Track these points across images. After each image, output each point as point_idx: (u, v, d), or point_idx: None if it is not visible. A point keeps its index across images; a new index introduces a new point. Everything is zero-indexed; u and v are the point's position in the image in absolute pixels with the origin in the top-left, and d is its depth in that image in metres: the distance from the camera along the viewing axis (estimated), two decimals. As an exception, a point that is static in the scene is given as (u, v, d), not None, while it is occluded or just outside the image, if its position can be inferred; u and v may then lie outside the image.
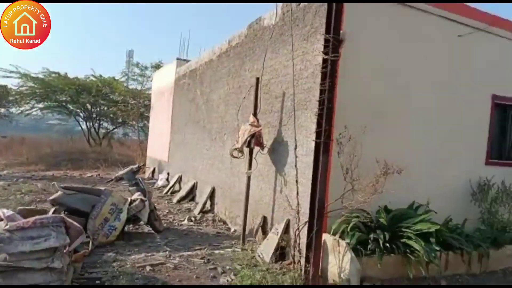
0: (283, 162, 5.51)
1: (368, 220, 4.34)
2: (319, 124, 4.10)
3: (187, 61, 12.33)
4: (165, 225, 6.83)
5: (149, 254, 5.16)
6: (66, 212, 5.43)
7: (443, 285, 4.59)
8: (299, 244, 4.41)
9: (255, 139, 5.61)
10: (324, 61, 4.11)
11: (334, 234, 4.48)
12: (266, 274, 4.21)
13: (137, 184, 6.53)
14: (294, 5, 5.62)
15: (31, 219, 3.52)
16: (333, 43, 4.02)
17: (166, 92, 13.30)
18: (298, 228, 4.47)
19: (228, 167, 7.47)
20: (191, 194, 9.21)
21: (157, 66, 17.33)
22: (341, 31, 4.05)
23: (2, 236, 3.36)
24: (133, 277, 4.24)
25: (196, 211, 7.99)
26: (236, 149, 5.78)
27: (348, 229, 4.37)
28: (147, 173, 13.95)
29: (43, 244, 3.46)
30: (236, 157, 5.88)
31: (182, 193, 9.27)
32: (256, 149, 5.86)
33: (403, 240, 4.42)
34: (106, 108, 20.97)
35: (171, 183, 10.56)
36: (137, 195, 6.16)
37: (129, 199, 6.00)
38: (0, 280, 3.30)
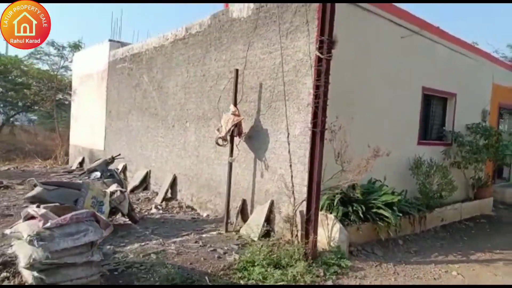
0: (263, 148, 6.04)
1: (350, 195, 5.17)
2: (315, 115, 4.73)
3: (123, 43, 11.80)
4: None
5: (143, 244, 5.28)
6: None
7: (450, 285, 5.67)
8: (295, 220, 5.03)
9: (237, 128, 6.00)
10: (319, 59, 4.72)
11: (320, 209, 5.21)
12: (272, 247, 4.76)
13: (113, 176, 6.43)
14: (268, 2, 6.07)
15: (68, 215, 3.51)
16: (328, 44, 4.63)
17: (95, 76, 12.52)
18: (294, 207, 5.08)
19: (193, 154, 7.70)
20: (144, 183, 9.16)
21: (76, 46, 15.94)
22: (334, 34, 4.67)
23: (44, 234, 3.31)
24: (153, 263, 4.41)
25: (158, 200, 8.07)
26: (220, 137, 6.09)
27: (334, 204, 5.15)
28: (74, 164, 13.13)
29: (83, 239, 3.49)
30: (220, 145, 6.20)
31: (135, 182, 9.15)
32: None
33: (374, 210, 5.37)
34: (5, 91, 18.56)
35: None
36: (115, 187, 6.10)
37: (108, 191, 5.93)
38: (43, 277, 3.28)
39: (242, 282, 4.17)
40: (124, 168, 10.24)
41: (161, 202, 7.95)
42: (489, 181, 8.81)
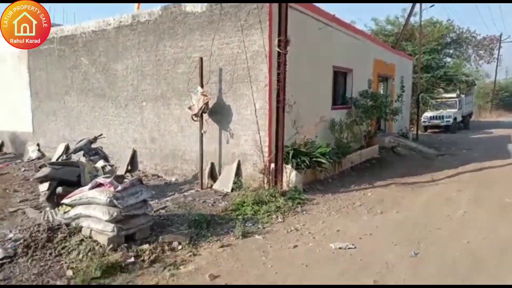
0: (228, 121, 7.63)
1: (299, 150, 7.20)
2: (278, 93, 6.52)
3: (41, 23, 11.52)
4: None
5: (144, 204, 6.52)
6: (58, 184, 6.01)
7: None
8: (268, 170, 6.87)
9: (205, 106, 7.42)
10: (279, 54, 6.46)
11: (279, 162, 7.13)
12: (252, 192, 6.53)
13: (98, 153, 7.25)
14: (223, 1, 7.45)
15: (128, 181, 4.72)
16: (285, 43, 6.38)
17: (9, 58, 11.96)
18: (265, 162, 6.90)
19: (153, 129, 8.81)
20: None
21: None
22: (288, 35, 6.43)
23: (117, 195, 4.50)
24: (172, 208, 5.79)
25: (122, 172, 8.99)
26: (194, 114, 7.43)
27: (289, 157, 7.13)
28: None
29: (140, 197, 4.78)
30: (196, 121, 7.53)
31: (89, 159, 9.74)
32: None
33: (314, 159, 7.53)
34: None
35: (58, 153, 10.51)
36: (102, 162, 7.01)
37: (98, 166, 6.84)
38: (121, 226, 4.49)
39: (240, 217, 5.79)
40: (67, 149, 10.57)
41: (125, 173, 8.92)
42: (375, 133, 11.89)
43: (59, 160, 8.80)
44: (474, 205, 6.43)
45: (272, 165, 6.91)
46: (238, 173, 7.51)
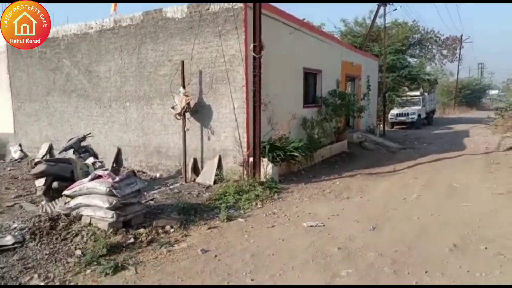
0: (208, 119, 8.29)
1: (274, 144, 7.95)
2: (255, 93, 7.24)
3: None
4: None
5: (134, 197, 7.09)
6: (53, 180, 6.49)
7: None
8: (247, 163, 7.58)
9: (188, 105, 8.04)
10: (254, 58, 7.18)
11: (256, 156, 7.86)
12: (234, 183, 7.22)
13: (87, 151, 7.73)
14: (202, 8, 8.09)
15: (124, 173, 5.32)
16: (259, 48, 7.10)
17: (-13, 59, 12.11)
18: (244, 155, 7.61)
19: (137, 128, 9.34)
20: (82, 158, 10.23)
21: None
22: (262, 40, 7.15)
23: (116, 185, 5.09)
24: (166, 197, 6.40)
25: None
26: (177, 113, 8.03)
27: (266, 152, 7.87)
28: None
29: (135, 187, 5.38)
30: (179, 119, 8.12)
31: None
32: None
33: (288, 153, 8.30)
34: None
35: (42, 152, 10.82)
36: (92, 159, 7.51)
37: (89, 163, 7.34)
38: (120, 213, 5.08)
39: (223, 205, 6.42)
40: (50, 148, 10.89)
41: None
42: (344, 129, 12.83)
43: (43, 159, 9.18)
44: (427, 190, 7.39)
45: (251, 159, 7.63)
46: (219, 166, 8.19)
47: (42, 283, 3.87)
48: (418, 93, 24.73)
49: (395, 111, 23.71)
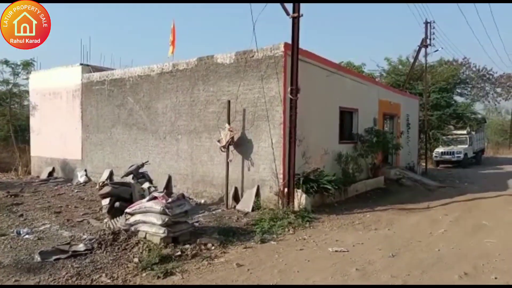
0: (249, 152, 9.22)
1: (309, 177, 8.66)
2: (290, 131, 8.11)
3: (93, 67, 13.73)
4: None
5: (181, 219, 8.03)
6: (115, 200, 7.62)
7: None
8: (282, 193, 8.34)
9: (231, 139, 9.06)
10: (291, 100, 8.10)
11: (291, 187, 8.59)
12: (270, 211, 7.97)
13: (144, 177, 8.91)
14: (248, 55, 9.25)
15: (175, 196, 6.29)
16: (296, 90, 8.03)
17: (64, 94, 14.13)
18: (279, 186, 8.39)
19: (187, 158, 10.48)
20: (137, 183, 11.51)
21: (28, 64, 16.77)
22: (298, 84, 8.09)
23: (168, 205, 6.05)
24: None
25: (158, 194, 10.60)
26: (222, 146, 9.07)
27: (300, 183, 8.59)
28: (43, 174, 14.46)
29: (184, 208, 6.32)
30: (223, 152, 9.16)
31: (130, 183, 11.44)
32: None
33: (322, 185, 8.95)
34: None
35: (104, 177, 12.27)
36: (148, 184, 8.66)
37: (145, 187, 8.46)
38: (170, 229, 6.00)
39: (258, 229, 7.18)
40: (111, 174, 12.33)
41: (161, 196, 10.51)
42: (380, 165, 13.21)
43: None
44: (454, 225, 7.66)
45: (286, 189, 8.38)
46: (257, 195, 9.00)
47: (108, 281, 4.81)
48: (464, 131, 24.31)
49: (440, 149, 23.42)
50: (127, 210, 6.53)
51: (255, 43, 8.81)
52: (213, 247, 6.08)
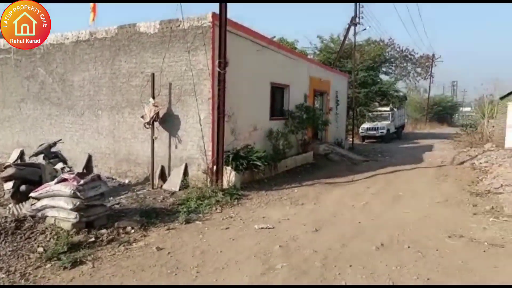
0: (176, 128, 8.75)
1: (238, 154, 8.47)
2: (219, 106, 7.77)
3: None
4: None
5: (100, 201, 7.44)
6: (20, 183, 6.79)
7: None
8: (211, 171, 8.05)
9: (156, 115, 8.49)
10: (219, 73, 7.72)
11: (220, 165, 8.35)
12: (198, 189, 7.68)
13: (57, 156, 8.04)
14: (173, 24, 8.62)
15: (89, 176, 5.70)
16: (224, 64, 7.67)
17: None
18: (208, 163, 8.09)
19: (108, 136, 9.70)
20: (53, 164, 10.48)
21: None
22: (227, 57, 7.72)
23: (80, 188, 5.47)
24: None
25: (77, 175, 9.75)
26: (146, 123, 8.46)
27: (230, 160, 8.38)
28: None
29: (99, 190, 5.78)
30: (148, 128, 8.55)
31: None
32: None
33: (252, 162, 8.83)
34: None
35: (13, 158, 10.99)
36: (61, 165, 7.84)
37: (58, 168, 7.66)
38: (83, 213, 5.46)
39: (184, 209, 6.85)
40: (22, 154, 11.08)
41: (81, 177, 9.68)
42: (310, 141, 13.49)
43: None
44: (375, 198, 8.04)
45: (215, 167, 8.11)
46: (185, 174, 8.63)
47: (3, 276, 4.21)
48: (388, 108, 25.84)
49: (365, 125, 24.68)
50: (32, 194, 5.82)
51: (181, 12, 8.25)
52: (132, 231, 5.67)
